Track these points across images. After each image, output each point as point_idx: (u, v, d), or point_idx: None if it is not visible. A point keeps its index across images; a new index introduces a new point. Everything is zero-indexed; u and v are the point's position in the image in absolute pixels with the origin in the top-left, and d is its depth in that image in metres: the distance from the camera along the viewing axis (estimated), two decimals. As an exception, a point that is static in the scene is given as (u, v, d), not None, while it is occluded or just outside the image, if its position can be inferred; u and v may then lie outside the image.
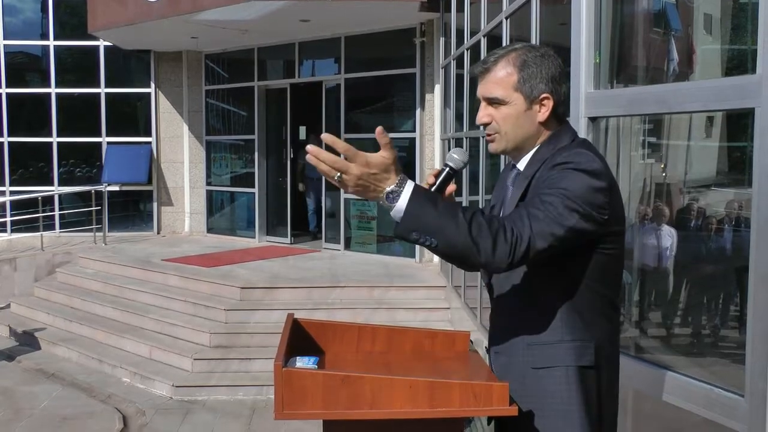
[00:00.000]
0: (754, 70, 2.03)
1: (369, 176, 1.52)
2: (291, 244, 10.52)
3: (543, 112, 1.76)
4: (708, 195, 2.97)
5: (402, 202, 1.52)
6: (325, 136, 1.54)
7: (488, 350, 1.90)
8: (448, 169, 1.81)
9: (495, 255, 1.53)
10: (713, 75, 2.85)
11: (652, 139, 3.26)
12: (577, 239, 1.63)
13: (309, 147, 1.51)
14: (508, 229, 1.55)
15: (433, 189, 1.80)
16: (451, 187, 1.84)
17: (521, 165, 1.82)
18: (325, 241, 9.96)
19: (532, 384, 1.72)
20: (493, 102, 1.77)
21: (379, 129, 1.55)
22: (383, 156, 1.53)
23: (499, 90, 1.75)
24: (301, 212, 10.92)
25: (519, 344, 1.76)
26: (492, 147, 1.83)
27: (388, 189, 1.53)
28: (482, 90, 1.79)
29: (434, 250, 1.54)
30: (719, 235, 2.79)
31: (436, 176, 1.81)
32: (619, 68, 2.98)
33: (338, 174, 1.50)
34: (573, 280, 1.69)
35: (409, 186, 1.54)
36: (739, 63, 2.70)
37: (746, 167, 2.38)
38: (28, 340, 8.07)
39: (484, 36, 5.48)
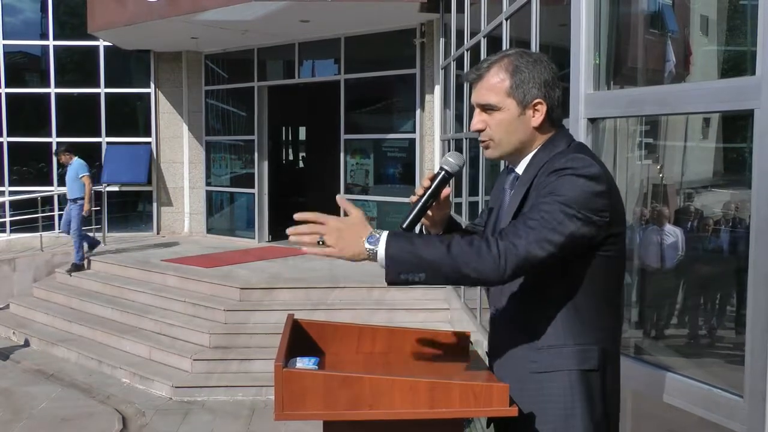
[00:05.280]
0: (749, 72, 2.03)
1: (347, 229, 1.61)
2: (268, 242, 10.73)
3: (537, 117, 1.76)
4: (704, 196, 2.97)
5: (381, 248, 1.58)
6: (299, 215, 1.64)
7: (488, 354, 1.90)
8: (443, 172, 1.83)
9: (484, 270, 1.56)
10: (709, 76, 2.86)
11: (649, 140, 3.26)
12: (579, 245, 1.63)
13: (289, 230, 1.63)
14: (492, 242, 1.58)
15: (428, 192, 1.82)
16: (447, 191, 1.85)
17: (519, 169, 1.82)
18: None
19: (533, 388, 1.71)
20: (486, 108, 1.78)
21: (338, 198, 1.77)
22: (353, 213, 1.65)
23: (492, 96, 1.76)
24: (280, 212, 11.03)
25: (520, 349, 1.76)
26: (488, 153, 1.84)
27: (368, 235, 1.60)
28: (476, 97, 1.80)
29: (425, 282, 1.59)
30: (716, 235, 2.80)
31: (432, 180, 1.83)
32: (617, 69, 2.98)
33: (320, 237, 1.59)
34: (575, 283, 1.69)
35: (384, 233, 1.61)
36: (734, 64, 2.71)
37: (742, 168, 2.38)
38: (27, 341, 8.08)
39: (484, 37, 5.49)
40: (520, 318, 1.76)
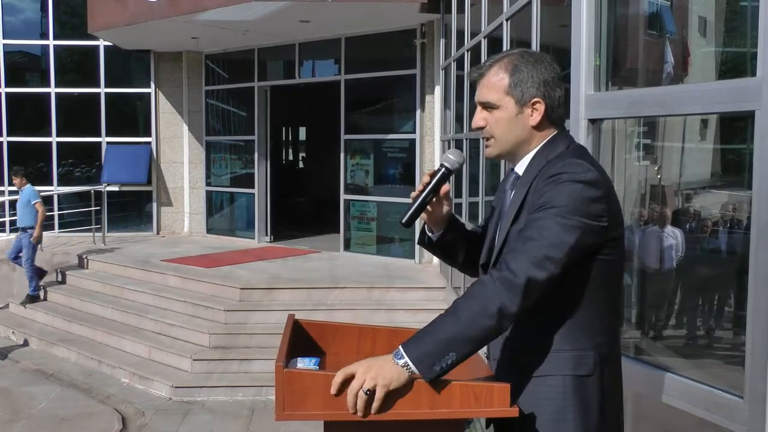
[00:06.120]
0: (748, 73, 2.03)
1: (373, 363, 1.56)
2: (270, 242, 10.75)
3: (534, 116, 1.77)
4: (702, 197, 2.97)
5: (407, 357, 1.56)
6: (334, 390, 1.55)
7: (487, 357, 1.90)
8: (443, 169, 1.84)
9: (495, 312, 1.56)
10: (707, 78, 2.86)
11: (647, 141, 3.26)
12: (581, 252, 1.64)
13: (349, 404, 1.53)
14: (488, 279, 1.59)
15: (428, 188, 1.82)
16: (446, 187, 1.86)
17: (519, 169, 1.83)
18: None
19: (528, 392, 1.72)
20: (486, 106, 1.80)
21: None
22: (357, 364, 1.59)
23: (492, 94, 1.78)
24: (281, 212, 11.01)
25: (517, 352, 1.77)
26: (487, 151, 1.86)
27: (393, 356, 1.57)
28: (477, 95, 1.83)
29: (463, 358, 1.58)
30: (715, 236, 2.80)
31: (432, 176, 1.84)
32: (617, 70, 2.98)
33: (365, 389, 1.53)
34: (573, 288, 1.69)
35: (399, 347, 1.59)
36: (732, 66, 2.71)
37: (741, 169, 2.38)
38: (26, 340, 8.07)
39: (484, 38, 5.49)
40: (517, 322, 1.76)
